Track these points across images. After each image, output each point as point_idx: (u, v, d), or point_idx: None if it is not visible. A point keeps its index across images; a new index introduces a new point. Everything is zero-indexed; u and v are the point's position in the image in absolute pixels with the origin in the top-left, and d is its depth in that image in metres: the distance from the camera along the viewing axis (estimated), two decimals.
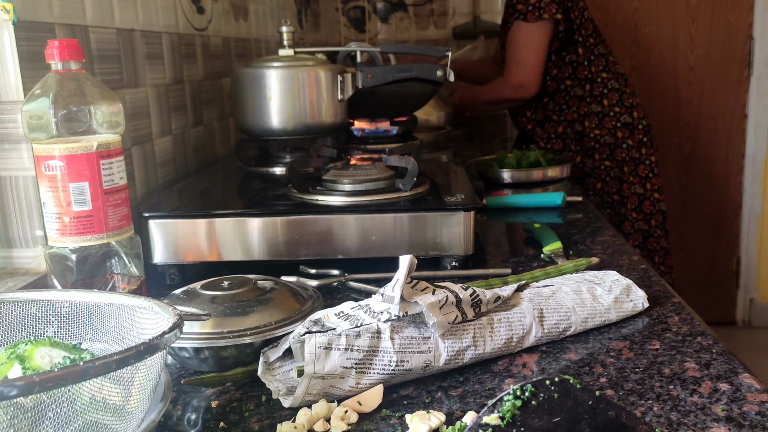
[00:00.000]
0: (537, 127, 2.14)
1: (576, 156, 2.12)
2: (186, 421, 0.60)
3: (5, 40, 0.80)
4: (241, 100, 1.21)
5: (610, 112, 2.12)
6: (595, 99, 2.11)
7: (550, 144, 2.12)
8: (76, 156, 0.74)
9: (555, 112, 2.12)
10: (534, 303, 0.72)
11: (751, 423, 0.55)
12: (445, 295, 0.66)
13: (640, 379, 0.63)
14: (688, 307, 0.80)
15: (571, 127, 2.11)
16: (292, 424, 0.57)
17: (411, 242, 0.92)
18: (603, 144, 2.12)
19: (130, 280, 0.80)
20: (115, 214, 0.78)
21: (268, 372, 0.64)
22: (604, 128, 2.11)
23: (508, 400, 0.48)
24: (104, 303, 0.62)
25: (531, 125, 2.14)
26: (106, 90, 0.78)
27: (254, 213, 0.92)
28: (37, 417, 0.45)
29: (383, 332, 0.63)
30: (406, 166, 1.01)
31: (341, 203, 0.95)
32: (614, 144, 2.13)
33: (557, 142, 2.12)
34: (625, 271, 0.91)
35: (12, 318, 0.61)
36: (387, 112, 1.52)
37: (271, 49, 1.96)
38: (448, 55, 1.30)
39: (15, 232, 0.86)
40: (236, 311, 0.68)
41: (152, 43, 1.17)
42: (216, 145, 1.49)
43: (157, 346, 0.48)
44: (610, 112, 2.12)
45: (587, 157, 2.13)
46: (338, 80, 1.22)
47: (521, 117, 2.16)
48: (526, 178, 1.46)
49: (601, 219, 1.20)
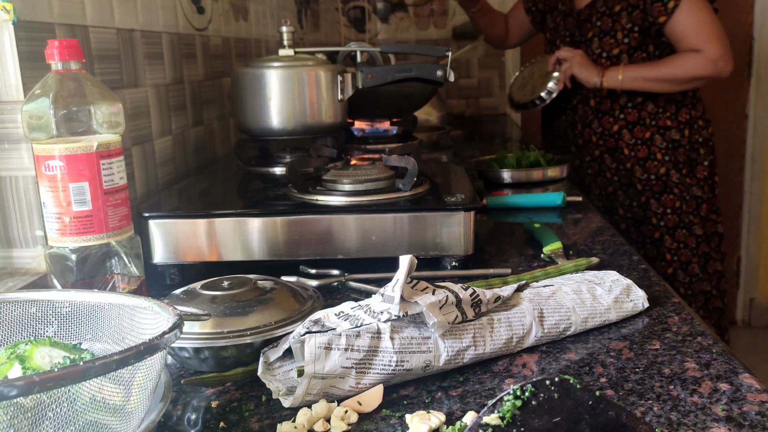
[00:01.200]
0: (624, 130, 1.91)
1: (661, 166, 1.90)
2: (186, 421, 0.60)
3: (5, 40, 0.80)
4: (241, 100, 1.21)
5: (695, 123, 1.93)
6: (693, 105, 1.93)
7: (634, 152, 1.91)
8: (76, 156, 0.74)
9: (651, 115, 1.89)
10: (534, 303, 0.72)
11: (751, 423, 0.55)
12: (445, 295, 0.66)
13: (640, 379, 0.63)
14: (687, 308, 0.80)
15: (662, 134, 1.90)
16: (292, 424, 0.57)
17: (411, 242, 0.92)
18: (701, 156, 1.93)
19: (130, 280, 0.80)
20: (115, 214, 0.78)
21: (268, 372, 0.64)
22: (700, 140, 1.92)
23: (508, 400, 0.48)
24: (104, 303, 0.62)
25: (617, 126, 1.92)
26: (106, 90, 0.78)
27: (254, 213, 0.92)
28: (37, 417, 0.45)
29: (383, 332, 0.63)
30: (406, 166, 1.01)
31: (341, 203, 0.95)
32: (697, 161, 1.94)
33: (642, 149, 1.91)
34: (625, 271, 0.91)
35: (12, 318, 0.61)
36: (387, 112, 1.52)
37: (271, 49, 1.96)
38: (448, 55, 1.30)
39: (15, 232, 0.86)
40: (236, 311, 0.68)
41: (152, 43, 1.17)
42: (216, 145, 1.49)
43: (157, 346, 0.48)
44: (695, 124, 1.93)
45: (674, 170, 1.90)
46: (338, 80, 1.22)
47: (607, 116, 1.93)
48: (526, 178, 1.46)
49: (601, 219, 1.20)
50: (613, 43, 1.87)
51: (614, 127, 1.92)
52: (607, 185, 1.97)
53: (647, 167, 1.91)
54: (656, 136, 1.89)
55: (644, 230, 1.94)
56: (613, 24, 1.86)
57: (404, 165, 1.02)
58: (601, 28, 1.88)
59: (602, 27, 1.87)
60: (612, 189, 1.96)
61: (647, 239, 1.95)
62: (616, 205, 1.96)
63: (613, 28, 1.86)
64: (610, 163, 1.94)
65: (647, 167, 1.91)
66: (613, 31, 1.87)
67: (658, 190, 1.91)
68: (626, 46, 1.86)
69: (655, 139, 1.89)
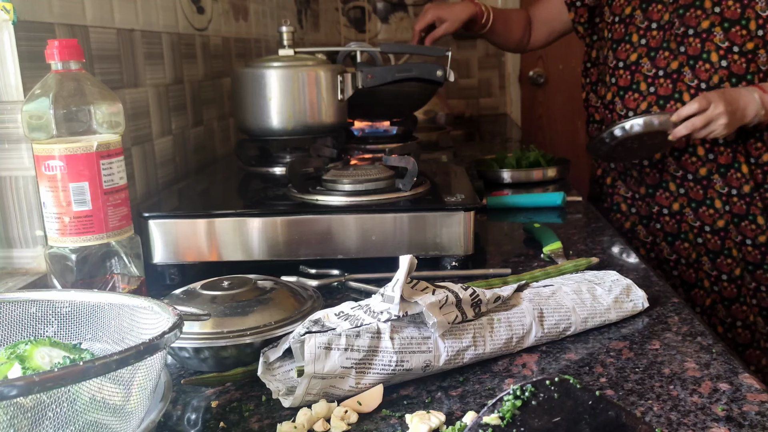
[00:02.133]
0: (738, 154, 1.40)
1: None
2: (186, 421, 0.60)
3: (5, 40, 0.80)
4: (241, 100, 1.21)
5: None
6: None
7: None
8: (76, 156, 0.74)
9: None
10: (534, 303, 0.72)
11: (751, 423, 0.55)
12: (445, 295, 0.66)
13: (640, 379, 0.63)
14: (687, 307, 0.80)
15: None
16: (292, 424, 0.57)
17: (411, 242, 0.92)
18: None
19: (130, 280, 0.80)
20: (115, 214, 0.78)
21: (268, 372, 0.64)
22: None
23: (508, 400, 0.48)
24: (104, 303, 0.62)
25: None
26: (106, 90, 0.78)
27: (254, 213, 0.92)
28: (37, 417, 0.45)
29: (383, 332, 0.63)
30: (406, 166, 1.01)
31: (341, 203, 0.95)
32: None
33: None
34: (625, 271, 0.91)
35: (12, 318, 0.61)
36: (387, 112, 1.52)
37: (271, 49, 1.96)
38: (448, 55, 1.30)
39: (15, 232, 0.86)
40: (236, 311, 0.68)
41: (152, 43, 1.17)
42: (216, 145, 1.49)
43: (157, 346, 0.48)
44: None
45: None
46: (338, 80, 1.22)
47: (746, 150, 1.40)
48: (526, 178, 1.46)
49: (601, 219, 1.20)
50: (745, 36, 1.33)
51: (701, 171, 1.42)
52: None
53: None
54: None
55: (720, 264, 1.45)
56: (743, 10, 1.33)
57: (404, 165, 1.02)
58: (723, 15, 1.34)
59: (724, 13, 1.34)
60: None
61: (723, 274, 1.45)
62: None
63: (743, 15, 1.33)
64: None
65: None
66: (743, 18, 1.33)
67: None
68: (761, 40, 1.33)
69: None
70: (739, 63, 1.35)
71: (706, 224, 1.42)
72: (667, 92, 1.41)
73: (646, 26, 1.44)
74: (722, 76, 1.36)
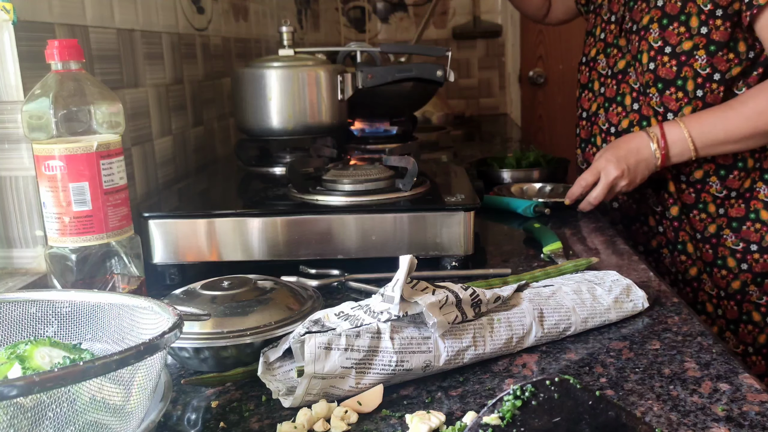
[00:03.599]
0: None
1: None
2: (186, 421, 0.60)
3: (5, 40, 0.80)
4: (241, 100, 1.21)
5: None
6: None
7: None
8: (76, 156, 0.74)
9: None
10: (534, 303, 0.72)
11: (751, 423, 0.55)
12: (445, 295, 0.66)
13: (640, 379, 0.63)
14: (687, 308, 0.80)
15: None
16: (292, 424, 0.57)
17: (411, 242, 0.92)
18: None
19: (130, 280, 0.80)
20: (115, 214, 0.78)
21: (268, 372, 0.64)
22: None
23: (508, 400, 0.48)
24: (104, 303, 0.62)
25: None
26: (106, 90, 0.78)
27: (254, 213, 0.92)
28: (37, 417, 0.45)
29: (383, 332, 0.63)
30: (406, 166, 1.01)
31: (341, 203, 0.95)
32: None
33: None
34: (625, 271, 0.91)
35: (12, 318, 0.61)
36: (387, 112, 1.52)
37: (271, 49, 1.96)
38: (448, 56, 1.30)
39: (15, 232, 0.86)
40: (236, 311, 0.68)
41: (152, 43, 1.17)
42: (216, 145, 1.49)
43: (157, 346, 0.48)
44: None
45: None
46: (338, 80, 1.22)
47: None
48: (526, 178, 1.46)
49: (600, 219, 1.20)
50: (683, 33, 1.19)
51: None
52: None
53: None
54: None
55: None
56: (684, 4, 1.18)
57: (404, 165, 1.02)
58: (664, 10, 1.20)
59: (665, 8, 1.20)
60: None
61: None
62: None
63: (683, 9, 1.19)
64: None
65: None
66: (683, 14, 1.19)
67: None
68: (704, 38, 1.17)
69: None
70: (669, 66, 1.20)
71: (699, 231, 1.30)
72: (611, 94, 1.32)
73: (608, 18, 1.35)
74: (648, 80, 1.23)
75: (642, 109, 1.27)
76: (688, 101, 1.20)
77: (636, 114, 1.28)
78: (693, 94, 1.20)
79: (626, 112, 1.29)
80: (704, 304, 1.32)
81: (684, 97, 1.20)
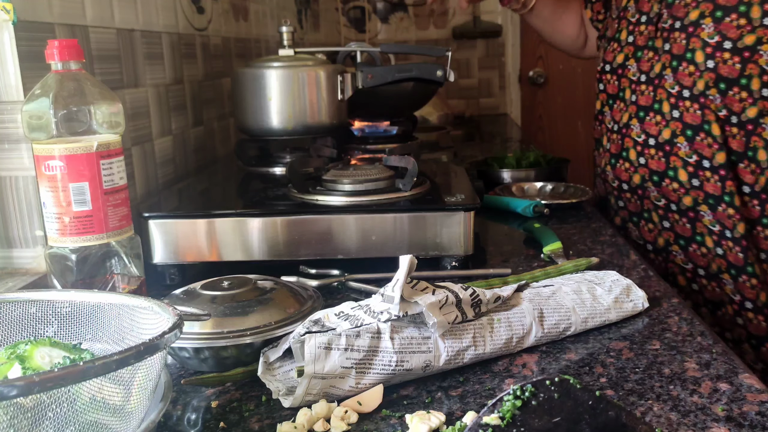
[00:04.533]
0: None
1: None
2: (186, 421, 0.60)
3: (5, 40, 0.80)
4: (241, 100, 1.21)
5: None
6: None
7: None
8: (76, 156, 0.74)
9: None
10: (534, 303, 0.72)
11: (751, 423, 0.55)
12: (445, 295, 0.66)
13: (640, 379, 0.63)
14: (688, 308, 0.80)
15: None
16: (292, 424, 0.57)
17: (411, 242, 0.92)
18: None
19: (130, 280, 0.80)
20: (115, 214, 0.78)
21: (268, 372, 0.64)
22: None
23: (508, 400, 0.48)
24: (104, 303, 0.62)
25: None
26: (106, 90, 0.78)
27: (254, 213, 0.92)
28: (37, 417, 0.45)
29: (383, 332, 0.63)
30: (406, 166, 1.01)
31: (341, 203, 0.95)
32: None
33: None
34: (625, 271, 0.91)
35: (12, 318, 0.61)
36: (387, 112, 1.52)
37: (271, 49, 1.96)
38: (448, 56, 1.30)
39: (15, 232, 0.86)
40: (236, 311, 0.68)
41: (152, 43, 1.17)
42: (216, 145, 1.49)
43: (157, 346, 0.48)
44: None
45: None
46: (338, 80, 1.22)
47: None
48: (526, 178, 1.46)
49: (601, 219, 1.20)
50: (744, 26, 1.07)
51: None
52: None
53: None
54: None
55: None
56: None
57: (404, 165, 1.02)
58: (716, 2, 1.09)
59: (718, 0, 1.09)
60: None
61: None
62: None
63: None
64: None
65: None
66: (741, 4, 1.07)
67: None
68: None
69: None
70: (731, 63, 1.08)
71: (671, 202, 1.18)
72: (647, 102, 1.19)
73: (637, 20, 1.23)
74: (708, 80, 1.10)
75: (684, 117, 1.13)
76: (753, 102, 1.08)
77: (678, 123, 1.14)
78: (759, 94, 1.07)
79: (666, 121, 1.16)
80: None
81: (748, 97, 1.08)
